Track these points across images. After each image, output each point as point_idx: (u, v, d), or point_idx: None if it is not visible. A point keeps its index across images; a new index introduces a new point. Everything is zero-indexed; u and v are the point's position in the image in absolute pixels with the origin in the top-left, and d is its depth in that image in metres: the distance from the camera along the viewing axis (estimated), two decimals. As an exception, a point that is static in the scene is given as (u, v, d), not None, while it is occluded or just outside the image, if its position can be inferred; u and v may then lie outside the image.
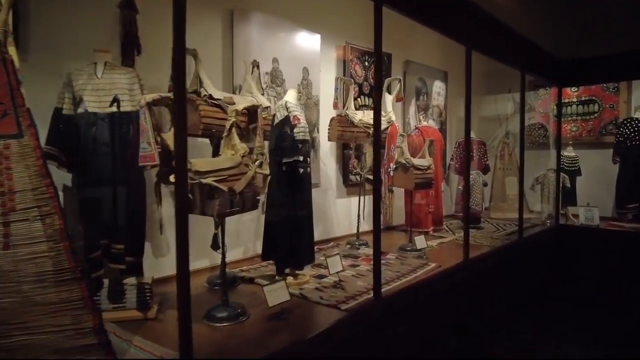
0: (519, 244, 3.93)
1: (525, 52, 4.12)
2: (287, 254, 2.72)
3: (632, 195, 4.93)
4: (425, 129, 4.49)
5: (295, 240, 2.73)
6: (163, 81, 2.50)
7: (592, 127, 5.76)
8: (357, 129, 3.65)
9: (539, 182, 5.25)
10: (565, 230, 4.78)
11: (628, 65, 4.32)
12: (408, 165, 3.53)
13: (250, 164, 2.22)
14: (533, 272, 4.29)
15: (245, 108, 2.25)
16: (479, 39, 3.35)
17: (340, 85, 3.67)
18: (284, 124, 2.63)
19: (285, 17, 3.58)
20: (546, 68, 4.47)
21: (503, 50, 3.64)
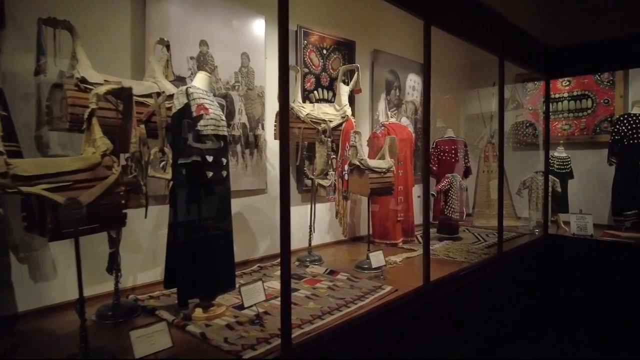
0: (499, 259, 3.35)
1: (507, 35, 3.56)
2: (192, 281, 2.14)
3: (630, 201, 4.37)
4: (393, 127, 3.92)
5: (203, 264, 2.15)
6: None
7: (585, 124, 5.20)
8: (304, 125, 3.08)
9: (526, 186, 4.69)
10: (555, 242, 4.21)
11: (625, 52, 3.76)
12: (363, 167, 2.96)
13: (114, 166, 1.65)
14: (515, 294, 3.69)
15: (109, 91, 1.68)
16: (443, 15, 2.80)
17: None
18: (181, 115, 2.06)
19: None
20: (531, 56, 3.91)
21: (475, 29, 3.08)
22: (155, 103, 2.23)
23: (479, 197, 5.27)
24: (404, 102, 4.76)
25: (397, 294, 2.53)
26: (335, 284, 2.73)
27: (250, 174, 3.28)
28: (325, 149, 3.11)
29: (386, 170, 3.04)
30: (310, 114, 3.10)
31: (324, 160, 3.13)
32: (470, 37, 3.04)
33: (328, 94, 3.87)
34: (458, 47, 5.23)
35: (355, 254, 3.61)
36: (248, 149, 3.27)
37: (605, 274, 3.81)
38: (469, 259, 3.37)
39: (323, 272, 3.00)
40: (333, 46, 3.90)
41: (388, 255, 3.48)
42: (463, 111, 5.99)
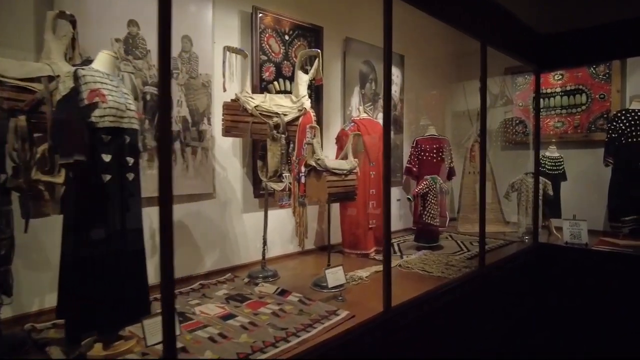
0: (480, 274, 2.92)
1: (491, 17, 3.12)
2: (85, 310, 1.69)
3: (628, 205, 3.96)
4: (364, 123, 3.49)
5: (101, 289, 1.71)
6: None
7: (580, 122, 4.79)
8: (253, 119, 2.64)
9: (514, 189, 4.27)
10: (546, 252, 3.78)
11: (625, 39, 3.34)
12: (320, 168, 2.52)
13: None
14: (499, 315, 3.24)
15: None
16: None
17: (227, 58, 2.65)
18: (67, 103, 1.61)
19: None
20: (520, 43, 3.48)
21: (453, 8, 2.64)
22: (45, 89, 1.78)
23: (464, 201, 4.86)
24: (381, 97, 4.33)
25: (353, 321, 2.10)
26: (282, 308, 2.29)
27: (193, 175, 2.84)
28: (279, 147, 2.67)
29: (348, 172, 2.60)
30: (261, 106, 2.66)
31: (277, 160, 2.69)
32: (446, 16, 2.60)
33: (291, 85, 3.42)
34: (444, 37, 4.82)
35: (320, 266, 3.17)
36: (190, 147, 2.82)
37: (602, 288, 3.39)
38: (447, 273, 2.94)
39: (273, 291, 2.55)
40: (297, 32, 3.46)
41: (356, 268, 3.06)
42: (450, 107, 5.57)
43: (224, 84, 2.66)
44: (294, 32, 3.44)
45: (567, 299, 3.55)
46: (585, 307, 3.48)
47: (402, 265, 3.15)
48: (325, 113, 3.73)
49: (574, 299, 3.52)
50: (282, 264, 3.23)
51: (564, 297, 3.58)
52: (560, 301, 3.59)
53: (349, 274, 2.89)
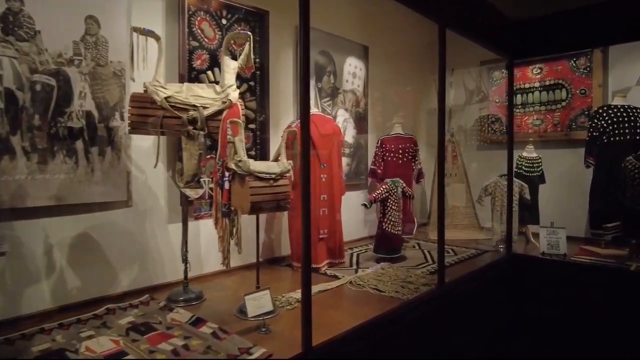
0: (440, 294, 2.51)
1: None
2: None
3: (610, 210, 3.59)
4: (313, 119, 3.07)
5: None
6: None
7: (559, 119, 4.42)
8: (163, 113, 2.21)
9: (488, 192, 3.88)
10: (520, 264, 3.38)
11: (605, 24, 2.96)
12: (242, 172, 2.10)
13: None
14: (459, 343, 2.78)
15: None
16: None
17: (137, 41, 2.22)
18: None
19: None
20: (489, 28, 3.08)
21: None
22: None
23: (436, 205, 4.45)
24: (341, 91, 3.92)
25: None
26: (187, 344, 1.86)
27: (101, 180, 2.40)
28: (197, 147, 2.25)
29: (278, 176, 2.18)
30: (175, 97, 2.23)
31: (195, 162, 2.26)
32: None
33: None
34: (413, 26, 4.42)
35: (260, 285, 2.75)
36: (97, 147, 2.38)
37: (581, 306, 3.00)
38: (401, 292, 2.53)
39: (186, 320, 2.13)
40: (236, 15, 3.04)
41: (299, 287, 2.63)
42: (423, 104, 5.18)
43: (133, 72, 2.23)
44: (232, 16, 3.02)
45: (543, 319, 3.16)
46: (562, 328, 3.09)
47: (354, 282, 2.74)
48: (274, 109, 3.32)
49: (549, 320, 3.13)
50: (216, 282, 2.81)
51: (538, 317, 3.18)
52: (534, 322, 3.20)
53: (287, 295, 2.48)
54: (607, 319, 2.90)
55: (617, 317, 2.89)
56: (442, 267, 2.53)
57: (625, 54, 4.03)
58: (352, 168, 4.08)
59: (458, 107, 4.96)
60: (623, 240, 3.52)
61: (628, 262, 3.22)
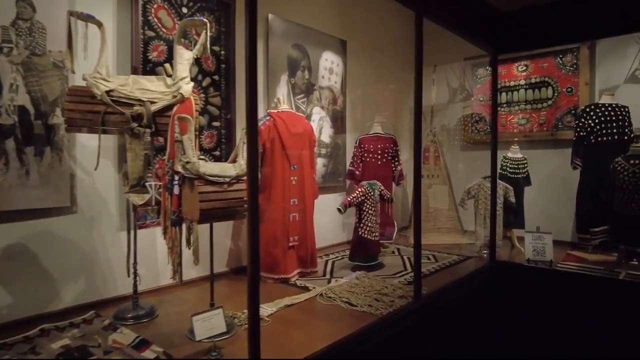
0: (417, 308, 2.29)
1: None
2: None
3: (598, 214, 3.42)
4: (283, 117, 2.84)
5: None
6: None
7: (546, 118, 4.25)
8: (105, 108, 1.95)
9: (471, 195, 3.69)
10: (503, 272, 3.17)
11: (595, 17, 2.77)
12: (191, 175, 1.86)
13: None
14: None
15: None
16: None
17: (75, 28, 1.96)
18: None
19: None
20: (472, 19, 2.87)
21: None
22: None
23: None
24: (317, 87, 3.69)
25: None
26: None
27: (38, 184, 2.13)
28: (142, 146, 2.00)
29: (234, 179, 1.94)
30: (118, 91, 1.98)
31: (141, 163, 2.02)
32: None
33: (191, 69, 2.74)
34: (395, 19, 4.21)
35: (223, 298, 2.51)
36: (32, 146, 2.12)
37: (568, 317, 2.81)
38: (375, 307, 2.31)
39: (129, 342, 1.88)
40: (198, 4, 2.79)
41: (266, 300, 2.41)
42: (407, 102, 4.97)
43: (71, 62, 1.98)
44: (194, 5, 2.77)
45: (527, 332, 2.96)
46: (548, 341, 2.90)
47: (325, 294, 2.52)
48: (243, 105, 3.06)
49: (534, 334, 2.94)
50: (174, 296, 2.56)
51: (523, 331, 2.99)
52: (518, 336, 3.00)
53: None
54: (596, 333, 2.72)
55: (606, 330, 2.70)
56: (419, 279, 2.31)
57: (612, 51, 3.87)
58: (328, 169, 3.86)
59: (441, 105, 4.77)
60: (611, 245, 3.36)
61: (617, 269, 3.05)
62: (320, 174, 3.77)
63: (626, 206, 3.00)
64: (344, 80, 3.98)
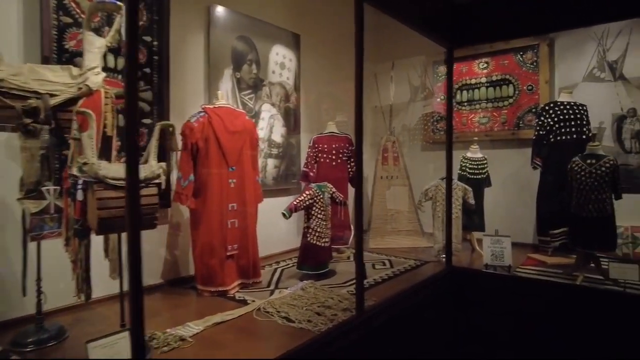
0: (359, 324, 2.09)
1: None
2: None
3: (558, 216, 3.31)
4: (219, 113, 2.60)
5: None
6: None
7: (507, 117, 4.15)
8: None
9: (428, 197, 3.53)
10: (460, 278, 3.01)
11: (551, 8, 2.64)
12: (89, 179, 1.60)
13: None
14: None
15: None
16: None
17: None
18: None
19: None
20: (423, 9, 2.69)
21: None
22: None
23: (376, 210, 4.09)
24: (266, 83, 3.46)
25: None
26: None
27: None
28: (39, 146, 1.73)
29: (142, 183, 1.69)
30: (8, 81, 1.70)
31: (37, 165, 1.74)
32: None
33: (116, 60, 2.48)
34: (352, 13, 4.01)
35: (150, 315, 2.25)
36: None
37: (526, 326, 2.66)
38: (314, 322, 2.09)
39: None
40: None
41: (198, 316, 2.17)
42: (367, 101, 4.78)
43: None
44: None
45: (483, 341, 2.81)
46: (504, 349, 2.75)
47: (263, 309, 2.29)
48: (178, 100, 2.82)
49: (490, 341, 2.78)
50: (94, 313, 2.28)
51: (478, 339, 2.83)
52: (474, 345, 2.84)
53: (173, 330, 1.99)
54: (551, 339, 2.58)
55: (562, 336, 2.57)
56: (361, 291, 2.11)
57: (570, 49, 3.79)
58: (281, 171, 3.63)
59: (402, 104, 4.61)
60: (569, 247, 3.25)
61: (575, 272, 2.93)
62: (272, 175, 3.54)
63: (583, 208, 2.89)
64: (297, 76, 3.76)
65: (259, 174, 2.95)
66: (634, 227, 3.33)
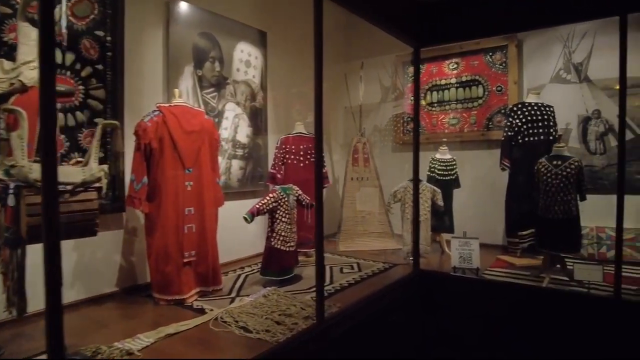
0: (319, 333, 2.00)
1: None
2: None
3: (526, 217, 3.30)
4: (176, 112, 2.47)
5: None
6: None
7: (476, 118, 4.13)
8: None
9: (397, 198, 3.48)
10: (428, 282, 2.97)
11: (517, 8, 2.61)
12: (19, 183, 1.46)
13: None
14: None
15: None
16: None
17: None
18: None
19: None
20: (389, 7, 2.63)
21: None
22: None
23: (347, 212, 4.01)
24: (231, 81, 3.33)
25: None
26: None
27: None
28: (-38, 147, 1.57)
29: (79, 186, 1.56)
30: None
31: (-39, 168, 1.58)
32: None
33: (64, 55, 2.32)
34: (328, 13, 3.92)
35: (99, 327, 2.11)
36: None
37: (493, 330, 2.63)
38: (273, 331, 1.99)
39: None
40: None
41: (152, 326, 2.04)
42: (338, 101, 4.71)
43: None
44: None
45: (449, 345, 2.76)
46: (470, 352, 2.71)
47: (220, 319, 2.17)
48: (134, 99, 2.67)
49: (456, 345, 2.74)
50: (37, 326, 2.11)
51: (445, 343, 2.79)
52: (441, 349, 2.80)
53: (120, 344, 1.86)
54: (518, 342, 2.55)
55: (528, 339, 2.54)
56: (321, 298, 2.02)
57: (538, 50, 3.80)
58: (247, 172, 3.51)
59: (373, 105, 4.55)
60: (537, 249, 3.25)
61: (541, 274, 2.92)
62: (237, 177, 3.42)
63: (549, 209, 2.87)
64: (264, 75, 3.65)
65: (220, 176, 2.83)
66: (599, 228, 3.35)
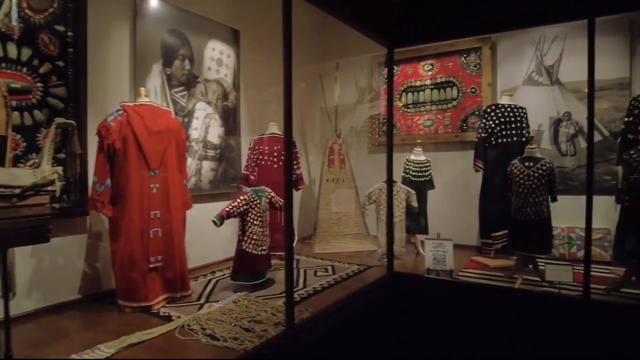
0: (290, 339, 1.94)
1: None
2: None
3: (499, 218, 3.31)
4: (140, 111, 2.37)
5: None
6: None
7: (451, 119, 4.15)
8: None
9: (372, 200, 3.45)
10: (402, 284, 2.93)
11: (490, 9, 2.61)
12: (-40, 186, 1.35)
13: None
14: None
15: None
16: None
17: None
18: None
19: None
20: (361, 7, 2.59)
21: None
22: None
23: (322, 214, 3.97)
24: (201, 80, 3.24)
25: None
26: None
27: None
28: None
29: (30, 190, 1.46)
30: None
31: None
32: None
33: (20, 50, 2.19)
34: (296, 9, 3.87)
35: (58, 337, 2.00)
36: None
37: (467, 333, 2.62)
38: (242, 338, 1.92)
39: None
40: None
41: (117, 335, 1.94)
42: (314, 101, 4.66)
43: None
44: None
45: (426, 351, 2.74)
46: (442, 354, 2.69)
47: (187, 326, 2.09)
48: (98, 97, 2.55)
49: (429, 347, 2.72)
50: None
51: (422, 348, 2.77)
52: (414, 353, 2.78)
53: (77, 356, 1.76)
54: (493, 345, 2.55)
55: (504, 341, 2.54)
56: (291, 305, 1.96)
57: (512, 52, 3.84)
58: (218, 174, 3.42)
59: (349, 106, 4.52)
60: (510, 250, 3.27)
61: (514, 275, 2.94)
62: (208, 179, 3.33)
63: (522, 211, 2.89)
64: (236, 74, 3.57)
65: (188, 178, 2.74)
66: (570, 228, 3.39)
